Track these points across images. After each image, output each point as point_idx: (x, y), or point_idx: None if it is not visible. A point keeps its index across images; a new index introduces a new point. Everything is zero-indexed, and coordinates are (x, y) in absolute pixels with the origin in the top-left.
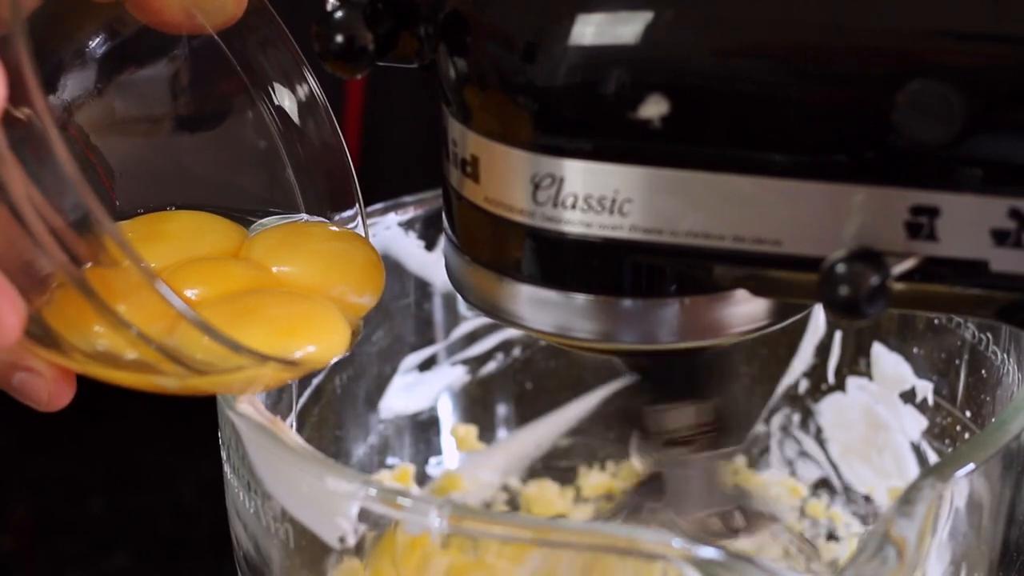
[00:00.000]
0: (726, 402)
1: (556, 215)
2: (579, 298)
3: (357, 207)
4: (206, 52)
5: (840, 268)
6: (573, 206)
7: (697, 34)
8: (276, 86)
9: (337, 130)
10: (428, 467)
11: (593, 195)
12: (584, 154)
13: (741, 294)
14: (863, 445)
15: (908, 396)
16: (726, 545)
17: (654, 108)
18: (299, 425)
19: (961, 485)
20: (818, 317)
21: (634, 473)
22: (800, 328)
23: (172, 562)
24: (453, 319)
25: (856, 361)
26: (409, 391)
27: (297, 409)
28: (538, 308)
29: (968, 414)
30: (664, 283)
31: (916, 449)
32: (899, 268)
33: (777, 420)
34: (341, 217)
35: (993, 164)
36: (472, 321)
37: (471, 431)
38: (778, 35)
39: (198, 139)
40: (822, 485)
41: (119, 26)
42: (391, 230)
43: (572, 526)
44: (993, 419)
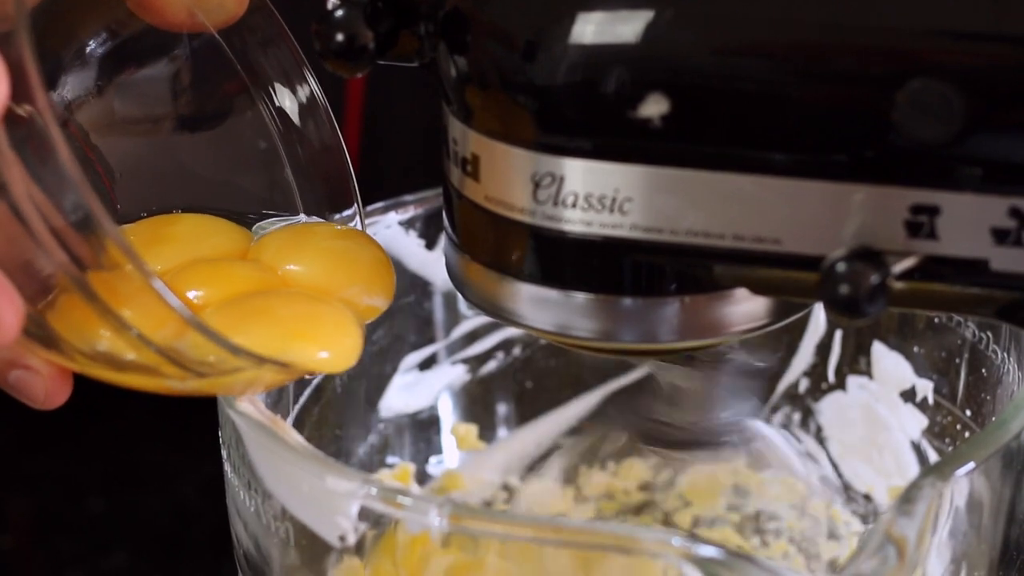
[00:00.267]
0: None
1: (556, 214)
2: (579, 297)
3: (356, 208)
4: (207, 52)
5: (840, 267)
6: (573, 205)
7: (697, 33)
8: (276, 86)
9: (337, 131)
10: (428, 466)
11: (593, 194)
12: (584, 153)
13: (741, 293)
14: (863, 444)
15: (908, 395)
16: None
17: (654, 107)
18: (299, 424)
19: (961, 484)
20: (818, 316)
21: (634, 473)
22: (800, 327)
23: (172, 561)
24: (453, 318)
25: (856, 360)
26: (409, 390)
27: (297, 408)
28: (538, 307)
29: (968, 413)
30: (664, 282)
31: (916, 448)
32: (899, 267)
33: (777, 419)
34: (340, 218)
35: (993, 163)
36: (472, 320)
37: (471, 430)
38: (778, 34)
39: (198, 139)
40: (822, 484)
41: (120, 25)
42: (391, 229)
43: (572, 525)
44: (993, 418)
